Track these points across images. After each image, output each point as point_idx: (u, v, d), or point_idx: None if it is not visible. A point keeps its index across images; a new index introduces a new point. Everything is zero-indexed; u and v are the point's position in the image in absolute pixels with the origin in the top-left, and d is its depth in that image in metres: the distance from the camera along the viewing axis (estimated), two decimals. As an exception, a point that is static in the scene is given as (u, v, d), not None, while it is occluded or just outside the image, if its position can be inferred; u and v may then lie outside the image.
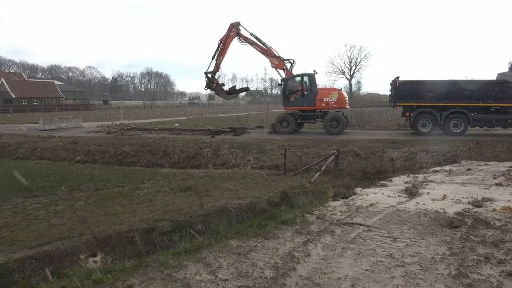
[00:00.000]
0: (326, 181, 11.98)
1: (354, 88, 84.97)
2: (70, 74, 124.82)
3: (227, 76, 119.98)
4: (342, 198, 9.11)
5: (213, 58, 22.48)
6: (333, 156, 13.30)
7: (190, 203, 9.31)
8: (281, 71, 22.19)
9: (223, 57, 22.57)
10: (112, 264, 5.47)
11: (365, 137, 19.73)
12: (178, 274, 4.60)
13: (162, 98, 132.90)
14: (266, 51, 22.14)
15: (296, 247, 5.52)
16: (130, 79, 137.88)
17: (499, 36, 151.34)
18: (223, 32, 23.77)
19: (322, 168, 12.52)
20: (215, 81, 22.94)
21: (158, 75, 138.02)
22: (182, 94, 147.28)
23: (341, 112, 22.24)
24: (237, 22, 22.37)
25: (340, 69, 79.21)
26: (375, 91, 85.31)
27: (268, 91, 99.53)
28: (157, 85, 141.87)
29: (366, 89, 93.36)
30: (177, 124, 29.84)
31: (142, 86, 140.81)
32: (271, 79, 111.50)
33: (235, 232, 6.28)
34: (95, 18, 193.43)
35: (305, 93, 21.85)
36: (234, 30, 22.29)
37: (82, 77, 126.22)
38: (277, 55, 22.05)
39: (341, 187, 10.58)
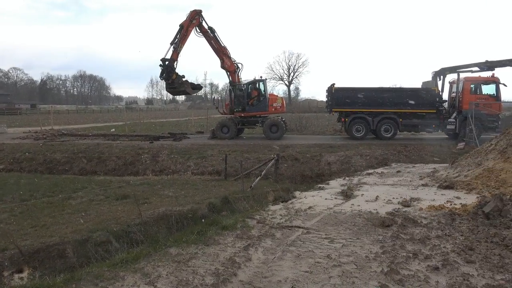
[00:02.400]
0: (266, 186, 12.13)
1: (292, 94, 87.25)
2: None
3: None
4: (282, 201, 9.27)
5: (171, 44, 20.04)
6: (273, 160, 13.51)
7: (128, 212, 8.97)
8: (232, 74, 21.66)
9: (183, 45, 20.37)
10: (40, 280, 5.09)
11: (303, 142, 20.29)
12: (114, 286, 4.39)
13: (96, 102, 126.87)
14: (222, 50, 21.26)
15: (237, 252, 5.52)
16: (61, 82, 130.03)
17: (425, 47, 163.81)
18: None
19: (262, 173, 12.67)
20: (174, 71, 20.18)
21: (92, 78, 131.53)
22: (119, 98, 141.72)
23: (280, 118, 22.72)
24: (200, 10, 20.60)
25: (279, 76, 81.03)
26: (313, 97, 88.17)
27: (209, 96, 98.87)
28: (91, 89, 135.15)
29: (304, 95, 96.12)
30: (113, 130, 28.66)
31: (75, 89, 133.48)
32: (211, 84, 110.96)
33: (175, 240, 6.14)
34: (22, 14, 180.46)
35: (261, 99, 22.20)
36: (197, 19, 20.44)
37: (6, 79, 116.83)
38: (230, 56, 21.50)
39: (281, 191, 10.77)
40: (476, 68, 21.10)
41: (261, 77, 23.17)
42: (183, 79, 20.54)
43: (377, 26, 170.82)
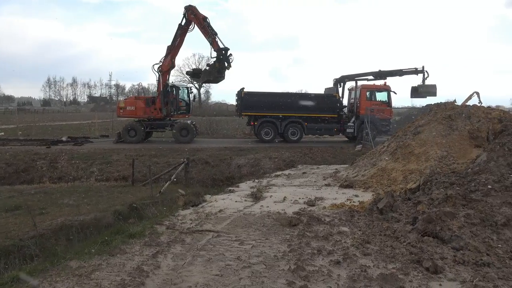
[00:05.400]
0: (176, 190, 11.89)
1: (203, 97, 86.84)
2: None
3: (66, 81, 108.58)
4: (192, 206, 9.16)
5: (210, 36, 20.28)
6: (183, 164, 13.30)
7: (20, 224, 8.11)
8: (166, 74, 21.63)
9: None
10: None
11: (214, 145, 20.33)
12: (3, 308, 3.93)
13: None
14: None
15: (145, 260, 5.31)
16: None
17: (328, 55, 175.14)
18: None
19: (172, 177, 12.40)
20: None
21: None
22: (9, 98, 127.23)
23: (190, 121, 22.52)
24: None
25: (189, 78, 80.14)
26: (223, 100, 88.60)
27: (114, 98, 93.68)
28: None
29: (214, 98, 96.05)
30: (2, 133, 25.75)
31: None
32: (117, 85, 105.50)
33: (76, 252, 5.70)
34: None
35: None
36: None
37: None
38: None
39: (191, 195, 10.64)
40: (371, 77, 23.23)
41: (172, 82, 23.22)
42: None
43: (280, 33, 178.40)
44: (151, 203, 9.71)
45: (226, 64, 20.43)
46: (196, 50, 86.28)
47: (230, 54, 20.46)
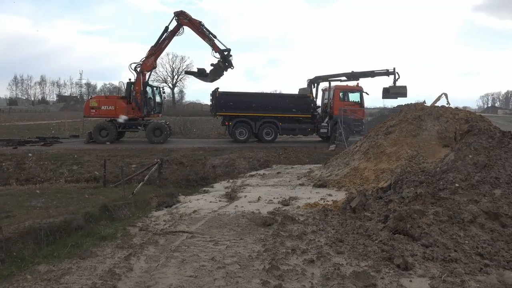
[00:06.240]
0: (150, 191, 11.67)
1: (177, 97, 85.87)
2: None
3: (34, 79, 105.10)
4: (166, 207, 9.05)
5: (210, 40, 21.00)
6: (156, 165, 13.10)
7: (-16, 228, 7.76)
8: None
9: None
10: None
11: (188, 145, 20.15)
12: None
13: None
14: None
15: (117, 263, 5.20)
16: None
17: (302, 56, 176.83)
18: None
19: (145, 178, 12.18)
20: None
21: None
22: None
23: (164, 121, 22.27)
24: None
25: (163, 78, 78.98)
26: (198, 100, 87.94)
27: (85, 97, 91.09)
28: None
29: (189, 98, 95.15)
30: (-34, 134, 24.70)
31: None
32: (88, 84, 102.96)
33: (45, 256, 5.53)
34: None
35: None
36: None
37: None
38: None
39: (165, 196, 10.49)
40: (344, 78, 23.60)
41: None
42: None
43: (263, 35, 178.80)
44: (124, 205, 9.50)
45: (228, 64, 21.26)
46: (169, 50, 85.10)
47: (231, 55, 21.27)
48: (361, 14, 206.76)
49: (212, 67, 21.35)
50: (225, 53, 21.07)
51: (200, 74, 22.12)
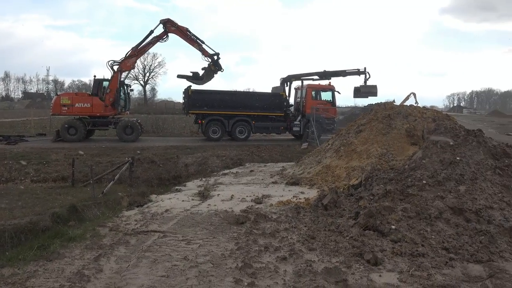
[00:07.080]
0: (120, 190, 11.45)
1: (148, 94, 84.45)
2: None
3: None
4: (137, 206, 8.90)
5: (199, 44, 21.70)
6: (127, 164, 12.85)
7: None
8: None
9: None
10: None
11: (160, 143, 19.88)
12: None
13: None
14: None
15: (86, 264, 5.08)
16: None
17: (276, 54, 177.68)
18: None
19: (116, 177, 11.92)
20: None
21: None
22: None
23: (135, 119, 21.89)
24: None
25: (134, 75, 77.53)
26: (170, 98, 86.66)
27: (52, 94, 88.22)
28: None
29: (161, 96, 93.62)
30: None
31: None
32: (55, 81, 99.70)
33: (9, 259, 5.33)
34: None
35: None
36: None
37: None
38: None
39: (136, 195, 10.33)
40: (317, 77, 23.85)
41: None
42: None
43: (237, 33, 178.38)
44: (93, 205, 9.28)
45: (218, 67, 22.03)
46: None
47: (220, 57, 22.03)
48: (333, 14, 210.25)
49: (203, 71, 22.06)
50: (214, 57, 21.76)
51: (195, 77, 22.46)
